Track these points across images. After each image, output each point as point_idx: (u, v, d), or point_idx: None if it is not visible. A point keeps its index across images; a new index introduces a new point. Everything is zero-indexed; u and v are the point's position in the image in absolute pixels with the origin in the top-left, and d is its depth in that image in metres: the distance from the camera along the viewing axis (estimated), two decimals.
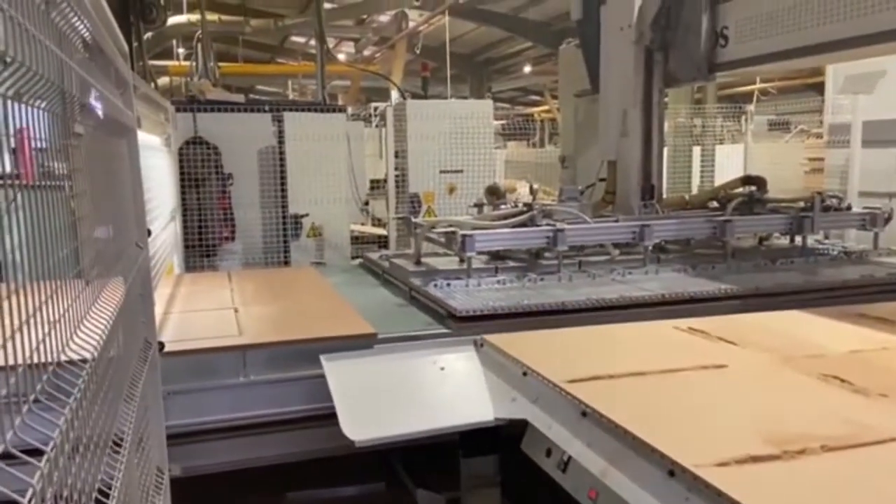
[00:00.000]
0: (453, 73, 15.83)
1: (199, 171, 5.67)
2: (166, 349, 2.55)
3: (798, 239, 4.31)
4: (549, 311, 3.21)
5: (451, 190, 6.55)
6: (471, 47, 20.55)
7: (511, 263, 3.90)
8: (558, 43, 8.63)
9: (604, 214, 4.50)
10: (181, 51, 15.98)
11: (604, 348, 2.69)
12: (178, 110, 5.63)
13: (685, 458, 1.65)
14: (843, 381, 2.20)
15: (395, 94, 11.73)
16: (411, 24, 14.59)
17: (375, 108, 13.52)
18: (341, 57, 17.09)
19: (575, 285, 3.62)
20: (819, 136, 8.78)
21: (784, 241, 4.53)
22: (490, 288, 3.56)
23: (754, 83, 15.53)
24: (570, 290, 3.48)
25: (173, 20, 11.74)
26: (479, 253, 3.74)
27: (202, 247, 5.71)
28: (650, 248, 3.92)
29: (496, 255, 3.96)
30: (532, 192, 4.33)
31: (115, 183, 1.93)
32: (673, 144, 8.16)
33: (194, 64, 11.15)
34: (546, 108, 21.29)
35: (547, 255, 3.95)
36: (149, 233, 2.52)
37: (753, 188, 4.64)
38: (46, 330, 0.95)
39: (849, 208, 4.44)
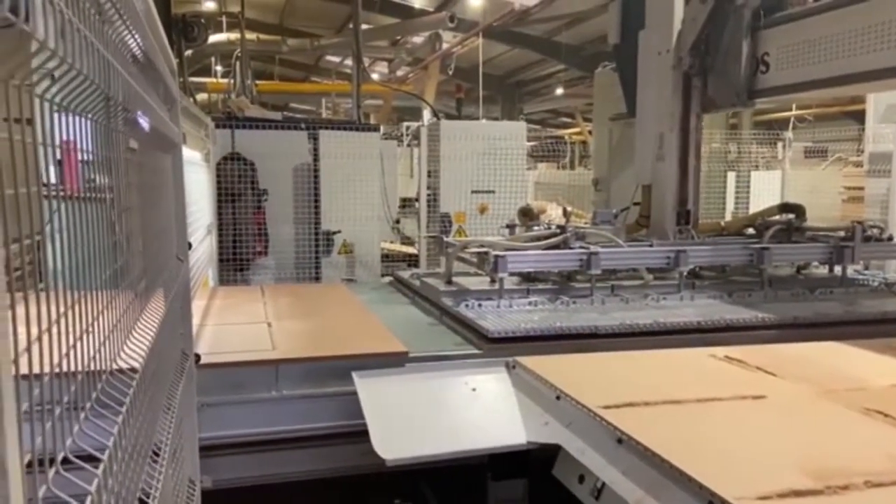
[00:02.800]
0: (485, 94, 15.95)
1: (235, 186, 5.77)
2: (201, 361, 2.58)
3: (837, 269, 4.22)
4: (582, 334, 3.18)
5: (483, 210, 6.58)
6: (503, 69, 20.68)
7: (542, 286, 3.88)
8: (591, 66, 8.65)
9: (637, 238, 4.46)
10: (219, 68, 16.32)
11: (638, 374, 2.65)
12: (217, 126, 5.74)
13: (726, 491, 1.61)
14: (886, 415, 2.15)
15: (427, 114, 11.84)
16: (445, 46, 14.73)
17: (407, 128, 13.64)
18: (374, 76, 17.31)
19: (608, 309, 3.58)
20: (857, 164, 8.64)
21: (823, 270, 4.44)
22: (521, 309, 3.54)
23: (790, 110, 15.37)
24: (603, 314, 3.45)
25: (213, 38, 12.02)
26: (511, 274, 3.72)
27: (236, 261, 5.80)
28: (685, 273, 3.87)
29: (527, 277, 3.94)
30: (565, 214, 4.32)
31: (160, 197, 1.98)
32: (708, 169, 8.10)
33: (232, 81, 11.40)
34: (577, 130, 21.28)
35: (579, 277, 3.93)
36: (189, 246, 2.56)
37: (792, 216, 4.56)
38: (101, 340, 0.97)
39: (890, 238, 4.34)
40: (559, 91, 20.70)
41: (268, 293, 4.37)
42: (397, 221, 7.27)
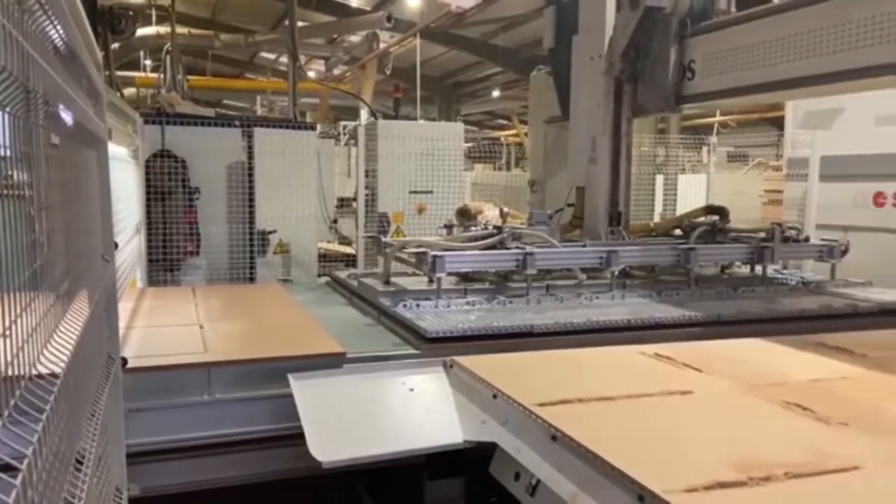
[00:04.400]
0: (423, 94, 15.96)
1: (165, 184, 5.60)
2: (129, 365, 2.49)
3: (758, 268, 4.41)
4: (518, 333, 3.22)
5: (420, 210, 6.59)
6: (441, 70, 20.75)
7: (479, 285, 3.91)
8: (527, 69, 8.79)
9: (571, 239, 4.55)
10: (148, 62, 15.82)
11: (572, 372, 2.70)
12: (146, 122, 5.56)
13: (655, 484, 1.66)
14: (805, 409, 2.25)
15: (364, 114, 11.75)
16: (382, 45, 14.68)
17: (345, 127, 13.52)
18: (311, 74, 17.07)
19: (543, 308, 3.64)
20: (776, 168, 9.06)
21: (745, 270, 4.63)
22: (459, 309, 3.56)
23: (715, 116, 15.99)
24: (539, 314, 3.51)
25: (142, 31, 11.64)
26: (449, 274, 3.74)
27: (166, 261, 5.62)
28: (616, 273, 3.98)
29: (465, 277, 3.97)
30: (502, 215, 4.37)
31: (85, 194, 1.90)
32: (637, 172, 8.33)
33: (162, 76, 11.05)
34: (514, 132, 21.54)
35: (515, 277, 3.98)
36: (115, 246, 2.47)
37: (716, 217, 4.73)
38: (20, 344, 0.93)
39: (807, 239, 4.56)
40: (496, 93, 20.92)
41: (199, 294, 4.25)
42: (335, 221, 7.20)
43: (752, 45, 3.85)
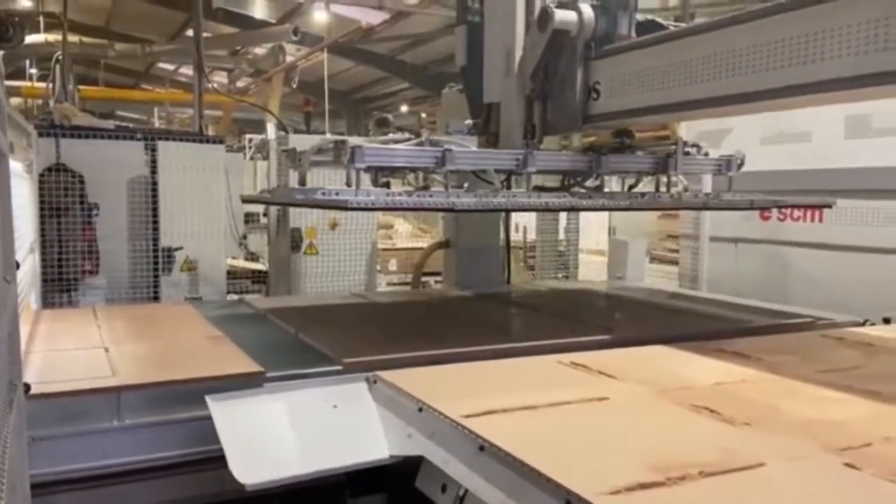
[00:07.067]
0: (330, 108, 15.83)
1: (60, 200, 5.29)
2: (31, 391, 2.35)
3: (663, 188, 4.55)
4: (441, 209, 3.25)
5: (334, 226, 6.52)
6: (348, 84, 20.72)
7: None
8: (434, 85, 8.91)
9: None
10: (34, 71, 14.97)
11: (495, 383, 2.76)
12: (40, 135, 5.25)
13: (581, 488, 1.73)
14: (711, 411, 2.40)
15: (270, 127, 11.53)
16: (289, 59, 14.50)
17: (250, 140, 13.22)
18: (212, 86, 16.59)
19: (462, 199, 3.54)
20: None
21: (650, 190, 4.81)
22: (380, 195, 3.34)
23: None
24: (459, 199, 3.43)
25: (29, 39, 11.00)
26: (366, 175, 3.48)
27: (62, 282, 5.31)
28: (532, 183, 4.00)
29: (384, 185, 3.78)
30: (420, 121, 4.27)
31: None
32: None
33: (51, 86, 10.46)
34: None
35: (434, 185, 3.90)
36: (17, 265, 2.33)
37: (624, 138, 4.91)
38: None
39: (707, 155, 4.83)
40: (404, 108, 21.05)
41: (101, 315, 4.04)
42: (244, 237, 7.01)
43: (652, 69, 4.06)
